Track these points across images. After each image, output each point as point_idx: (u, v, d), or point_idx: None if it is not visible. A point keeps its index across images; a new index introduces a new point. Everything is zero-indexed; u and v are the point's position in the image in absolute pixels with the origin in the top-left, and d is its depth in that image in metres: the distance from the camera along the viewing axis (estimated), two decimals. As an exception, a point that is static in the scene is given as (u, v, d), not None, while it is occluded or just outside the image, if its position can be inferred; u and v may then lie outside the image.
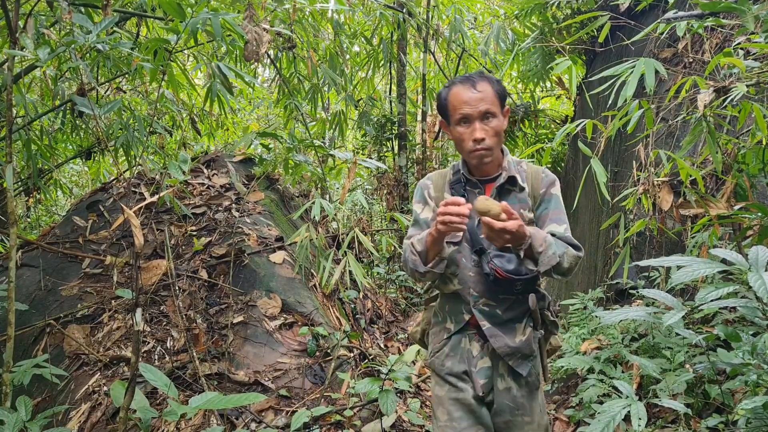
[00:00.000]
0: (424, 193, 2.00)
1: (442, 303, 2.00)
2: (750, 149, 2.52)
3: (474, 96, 1.80)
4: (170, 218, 4.42)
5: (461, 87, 1.83)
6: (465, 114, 1.80)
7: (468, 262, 1.88)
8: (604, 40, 2.91)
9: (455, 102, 1.83)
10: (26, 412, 2.38)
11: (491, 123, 1.81)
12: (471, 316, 1.89)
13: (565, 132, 2.68)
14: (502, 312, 1.86)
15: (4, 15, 2.66)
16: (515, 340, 1.86)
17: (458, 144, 1.87)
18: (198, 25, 2.74)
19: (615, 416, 1.87)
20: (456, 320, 1.93)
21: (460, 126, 1.83)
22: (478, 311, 1.87)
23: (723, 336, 2.16)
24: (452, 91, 1.85)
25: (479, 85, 1.81)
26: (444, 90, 1.91)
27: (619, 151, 4.51)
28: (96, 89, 4.15)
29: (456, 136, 1.86)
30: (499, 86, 1.85)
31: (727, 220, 2.47)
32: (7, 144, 2.61)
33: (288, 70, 5.13)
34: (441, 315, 2.00)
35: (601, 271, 4.51)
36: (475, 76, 1.85)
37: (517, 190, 1.91)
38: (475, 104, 1.79)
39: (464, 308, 1.90)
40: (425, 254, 1.81)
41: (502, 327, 1.86)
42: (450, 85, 1.89)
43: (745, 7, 2.12)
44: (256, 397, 2.26)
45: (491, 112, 1.80)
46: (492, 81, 1.84)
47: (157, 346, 3.50)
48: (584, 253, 1.82)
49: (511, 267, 1.74)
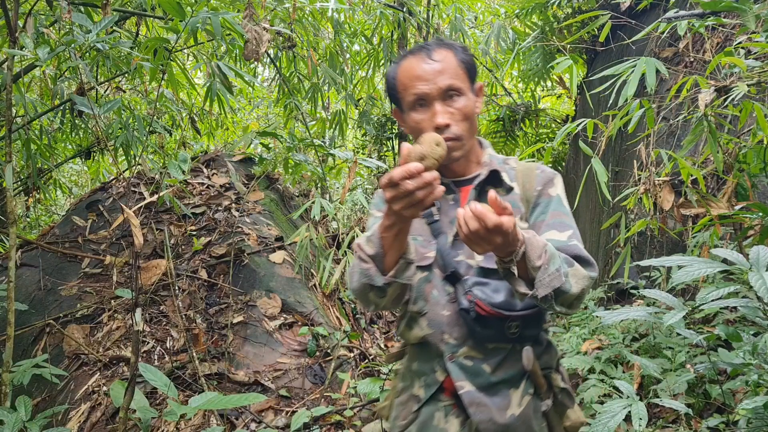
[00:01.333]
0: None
1: (409, 358, 1.46)
2: (751, 149, 2.51)
3: (430, 68, 1.32)
4: (170, 218, 4.41)
5: (413, 59, 1.35)
6: (420, 93, 1.32)
7: (440, 294, 1.34)
8: (605, 39, 2.90)
9: (406, 79, 1.34)
10: (26, 411, 2.38)
11: (457, 103, 1.32)
12: (446, 375, 1.33)
13: (566, 131, 2.67)
14: (491, 369, 1.30)
15: (4, 14, 2.65)
16: (506, 415, 1.29)
17: (416, 136, 1.34)
18: (198, 24, 2.73)
19: (616, 416, 1.87)
20: (426, 383, 1.36)
21: (416, 111, 1.34)
22: (457, 367, 1.31)
23: (724, 336, 2.15)
24: (402, 65, 1.37)
25: (436, 54, 1.33)
26: (392, 67, 1.41)
27: (620, 151, 4.50)
28: (95, 88, 4.14)
29: (412, 125, 1.36)
30: (464, 54, 1.37)
31: (728, 219, 2.46)
32: (7, 143, 2.61)
33: (288, 70, 5.12)
34: (407, 377, 1.43)
35: (601, 270, 4.51)
36: (432, 43, 1.37)
37: (504, 191, 1.40)
38: (431, 78, 1.31)
39: (437, 364, 1.35)
40: (381, 257, 1.23)
41: (489, 392, 1.30)
42: (400, 59, 1.40)
43: (746, 7, 2.11)
44: (255, 397, 2.26)
45: (455, 88, 1.32)
46: (454, 48, 1.37)
47: (156, 346, 3.50)
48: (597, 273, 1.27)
49: (500, 299, 1.25)
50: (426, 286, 1.35)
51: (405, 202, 1.08)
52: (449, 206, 1.39)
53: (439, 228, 1.36)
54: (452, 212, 1.36)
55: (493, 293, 1.26)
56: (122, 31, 4.21)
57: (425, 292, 1.35)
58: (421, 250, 1.36)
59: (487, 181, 1.40)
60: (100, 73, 4.55)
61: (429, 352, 1.36)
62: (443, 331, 1.33)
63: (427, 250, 1.36)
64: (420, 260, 1.34)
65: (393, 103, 1.45)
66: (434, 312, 1.34)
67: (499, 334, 1.28)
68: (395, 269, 1.24)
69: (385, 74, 1.52)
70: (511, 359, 1.31)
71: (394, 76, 1.39)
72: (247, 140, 4.77)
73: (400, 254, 1.24)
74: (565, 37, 5.57)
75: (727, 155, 2.60)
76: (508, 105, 6.88)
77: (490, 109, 7.09)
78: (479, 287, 1.27)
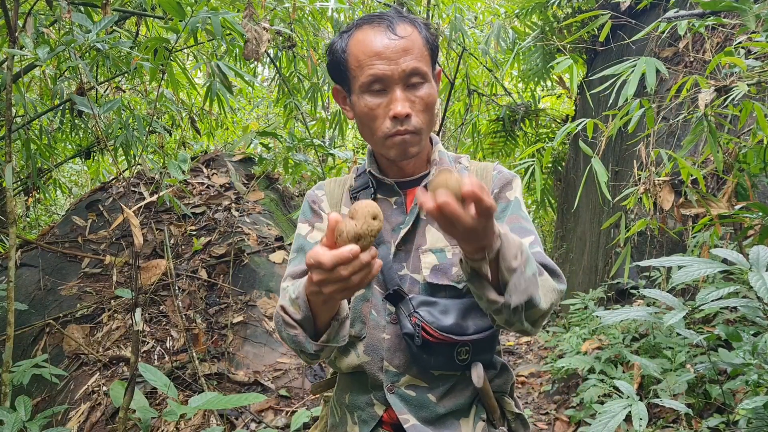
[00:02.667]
0: (315, 208, 1.24)
1: (340, 389, 1.25)
2: (751, 149, 2.51)
3: (393, 45, 1.07)
4: (170, 218, 4.41)
5: (370, 31, 1.09)
6: (379, 74, 1.07)
7: (380, 316, 1.15)
8: (605, 39, 2.90)
9: (362, 54, 1.08)
10: (26, 411, 2.38)
11: (420, 90, 1.09)
12: (386, 408, 1.16)
13: (566, 131, 2.67)
14: (437, 399, 1.14)
15: (4, 14, 2.65)
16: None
17: (365, 125, 1.13)
18: (198, 24, 2.73)
19: (616, 416, 1.87)
20: (362, 418, 1.18)
21: (370, 95, 1.09)
22: (398, 399, 1.14)
23: (724, 336, 2.15)
24: (355, 37, 1.10)
25: (400, 28, 1.08)
26: (341, 36, 1.14)
27: (620, 151, 4.50)
28: (95, 88, 4.14)
29: (362, 111, 1.11)
30: (428, 32, 1.14)
31: (728, 219, 2.46)
32: (7, 143, 2.61)
33: (288, 69, 5.12)
34: (338, 411, 1.24)
35: (601, 270, 4.50)
36: (392, 15, 1.11)
37: None
38: (395, 57, 1.06)
39: (375, 396, 1.17)
40: (311, 321, 1.02)
41: (436, 425, 1.14)
42: (351, 28, 1.13)
43: (746, 6, 2.11)
44: (255, 397, 2.26)
45: (421, 72, 1.09)
46: (417, 23, 1.13)
47: (156, 346, 3.50)
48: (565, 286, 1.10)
49: (449, 321, 1.07)
50: (363, 305, 1.15)
51: (337, 287, 0.88)
52: (392, 211, 1.18)
53: (380, 238, 1.16)
54: (395, 218, 1.18)
55: (442, 315, 1.08)
56: (122, 31, 4.21)
57: (363, 313, 1.15)
58: None
59: None
60: (100, 72, 4.55)
61: (364, 382, 1.18)
62: (382, 358, 1.14)
63: None
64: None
65: (335, 81, 1.18)
66: (373, 336, 1.15)
67: (447, 361, 1.10)
68: (327, 333, 1.03)
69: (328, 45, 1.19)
70: (459, 386, 1.15)
71: (343, 48, 1.12)
72: (246, 140, 4.77)
73: (332, 315, 1.02)
74: (565, 37, 5.57)
75: (727, 155, 2.60)
76: (508, 105, 6.88)
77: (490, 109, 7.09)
78: (426, 308, 1.09)
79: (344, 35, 1.13)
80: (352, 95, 1.14)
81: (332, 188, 1.27)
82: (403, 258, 1.16)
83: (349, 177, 1.29)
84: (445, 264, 1.14)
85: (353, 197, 1.22)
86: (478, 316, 1.10)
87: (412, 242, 1.16)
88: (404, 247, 1.16)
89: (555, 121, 7.10)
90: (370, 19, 1.11)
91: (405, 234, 1.16)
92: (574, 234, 5.76)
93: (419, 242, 1.16)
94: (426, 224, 1.17)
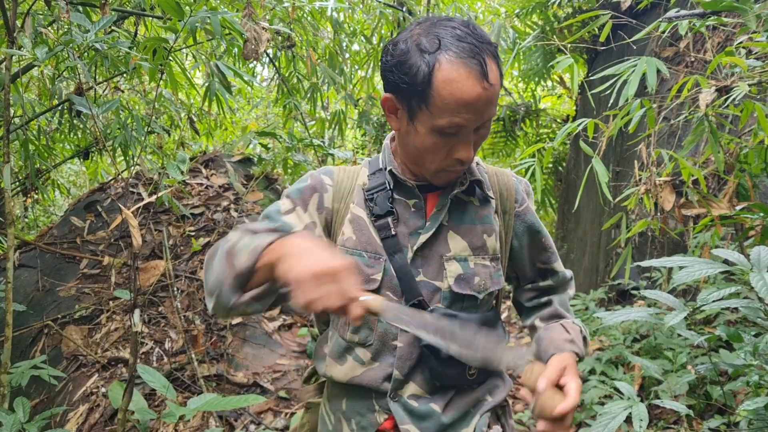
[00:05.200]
0: (308, 198, 1.16)
1: (333, 395, 1.20)
2: (752, 149, 2.51)
3: (485, 96, 0.99)
4: (168, 218, 4.40)
5: (464, 72, 0.97)
6: (462, 125, 1.01)
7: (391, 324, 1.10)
8: (606, 38, 2.89)
9: (450, 98, 0.98)
10: (24, 413, 2.36)
11: (484, 130, 1.07)
12: (388, 416, 1.12)
13: (567, 131, 2.66)
14: (441, 408, 1.12)
15: (2, 14, 2.64)
16: None
17: (420, 154, 1.07)
18: (197, 24, 2.72)
19: (616, 417, 1.86)
20: (362, 424, 1.14)
21: (441, 136, 1.02)
22: (401, 408, 1.11)
23: (725, 337, 2.14)
24: (445, 70, 0.98)
25: (492, 73, 0.99)
26: (422, 54, 1.00)
27: (621, 151, 4.49)
28: (94, 88, 4.13)
29: (424, 144, 1.05)
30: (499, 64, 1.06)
31: (729, 220, 2.45)
32: (5, 144, 2.60)
33: (287, 69, 5.11)
34: (331, 418, 1.19)
35: (602, 271, 4.50)
36: (483, 51, 0.99)
37: (477, 202, 1.17)
38: (482, 109, 1.00)
39: (377, 403, 1.13)
40: (248, 273, 0.95)
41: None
42: (437, 51, 0.99)
43: (746, 6, 2.10)
44: (255, 398, 2.24)
45: (492, 116, 1.05)
46: (498, 57, 1.04)
47: (155, 348, 3.49)
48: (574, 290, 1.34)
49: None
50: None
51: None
52: (410, 215, 1.13)
53: (396, 244, 1.11)
54: (413, 222, 1.13)
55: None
56: (121, 31, 4.20)
57: (370, 320, 1.12)
58: (365, 270, 1.10)
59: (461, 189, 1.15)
60: (99, 73, 4.54)
61: (365, 389, 1.13)
62: (392, 364, 1.11)
63: (374, 270, 1.11)
64: (364, 282, 1.09)
65: (393, 92, 1.05)
66: (381, 343, 1.11)
67: (459, 375, 1.11)
68: (256, 292, 0.96)
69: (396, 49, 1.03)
70: (461, 393, 1.16)
71: (426, 74, 0.98)
72: (246, 140, 4.76)
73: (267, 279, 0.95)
74: (566, 37, 5.57)
75: (728, 155, 2.60)
76: (508, 105, 6.88)
77: (490, 109, 7.08)
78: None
79: (426, 56, 0.99)
80: (416, 122, 1.04)
81: (341, 179, 1.19)
82: (420, 264, 1.13)
83: (361, 171, 1.20)
84: (468, 273, 1.13)
85: (368, 198, 1.15)
86: (490, 332, 1.12)
87: (431, 248, 1.13)
88: (422, 253, 1.13)
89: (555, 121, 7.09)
90: (461, 51, 0.98)
91: (426, 240, 1.13)
92: (575, 234, 5.75)
93: (442, 250, 1.13)
94: (449, 230, 1.14)
